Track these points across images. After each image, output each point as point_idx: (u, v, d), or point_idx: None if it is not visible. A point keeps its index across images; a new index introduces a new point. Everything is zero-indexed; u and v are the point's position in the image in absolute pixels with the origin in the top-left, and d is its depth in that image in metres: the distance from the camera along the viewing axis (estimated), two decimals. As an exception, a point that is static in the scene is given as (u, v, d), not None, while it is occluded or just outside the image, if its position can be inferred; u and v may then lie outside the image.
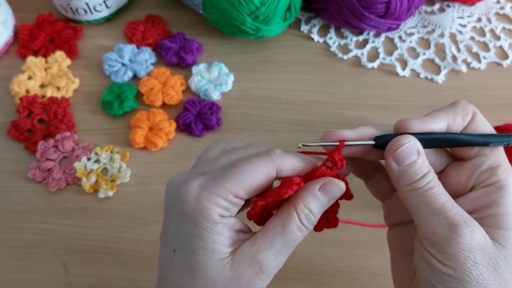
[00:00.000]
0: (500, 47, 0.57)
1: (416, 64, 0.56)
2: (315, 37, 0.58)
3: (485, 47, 0.57)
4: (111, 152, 0.49)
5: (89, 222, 0.46)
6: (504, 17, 0.60)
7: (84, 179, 0.47)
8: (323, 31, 0.59)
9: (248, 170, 0.26)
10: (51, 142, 0.49)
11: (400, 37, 0.58)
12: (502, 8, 0.61)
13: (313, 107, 0.52)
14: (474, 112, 0.28)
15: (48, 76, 0.53)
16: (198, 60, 0.55)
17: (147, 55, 0.54)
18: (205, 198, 0.25)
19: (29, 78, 0.53)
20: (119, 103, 0.51)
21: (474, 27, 0.59)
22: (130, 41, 0.57)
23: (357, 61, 0.56)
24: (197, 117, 0.51)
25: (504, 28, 0.59)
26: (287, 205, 0.27)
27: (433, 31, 0.59)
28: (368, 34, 0.58)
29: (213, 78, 0.53)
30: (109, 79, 0.54)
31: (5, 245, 0.45)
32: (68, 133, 0.49)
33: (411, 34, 0.58)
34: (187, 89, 0.53)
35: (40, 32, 0.57)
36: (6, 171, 0.48)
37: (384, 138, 0.28)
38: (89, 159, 0.48)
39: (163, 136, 0.49)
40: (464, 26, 0.59)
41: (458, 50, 0.57)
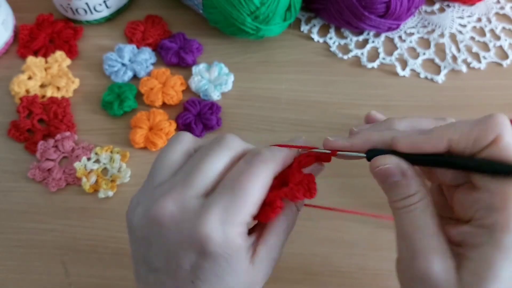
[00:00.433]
0: (500, 47, 0.57)
1: (416, 64, 0.56)
2: (315, 37, 0.58)
3: (485, 47, 0.57)
4: (111, 152, 0.49)
5: (89, 222, 0.46)
6: (504, 17, 0.60)
7: (84, 179, 0.47)
8: (323, 31, 0.59)
9: (255, 186, 0.27)
10: (51, 142, 0.49)
11: (400, 37, 0.58)
12: (502, 8, 0.61)
13: (313, 107, 0.52)
14: (498, 134, 0.23)
15: (48, 76, 0.53)
16: (198, 60, 0.55)
17: (147, 55, 0.54)
18: (232, 233, 0.26)
19: (29, 78, 0.53)
20: (119, 103, 0.51)
21: (474, 27, 0.59)
22: (130, 41, 0.57)
23: (357, 61, 0.56)
24: (197, 117, 0.51)
25: (504, 28, 0.59)
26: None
27: (433, 31, 0.59)
28: (368, 34, 0.58)
29: (213, 78, 0.53)
30: (109, 79, 0.54)
31: (5, 245, 0.45)
32: (68, 133, 0.49)
33: (411, 34, 0.58)
34: (187, 89, 0.53)
35: (40, 32, 0.57)
36: (6, 171, 0.48)
37: (375, 153, 0.28)
38: (89, 159, 0.48)
39: (163, 136, 0.49)
40: (464, 26, 0.59)
41: (458, 50, 0.57)
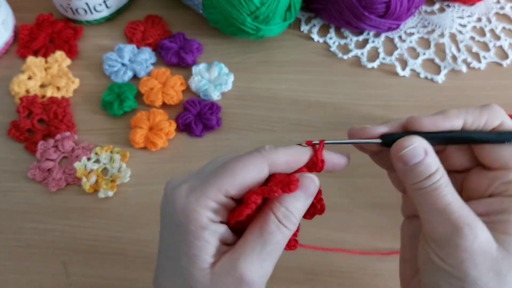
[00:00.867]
0: (500, 47, 0.57)
1: (416, 64, 0.56)
2: (315, 37, 0.58)
3: (485, 47, 0.57)
4: (111, 152, 0.49)
5: (89, 222, 0.46)
6: (504, 17, 0.60)
7: (84, 179, 0.47)
8: (323, 31, 0.59)
9: (238, 167, 0.26)
10: (51, 142, 0.49)
11: (400, 37, 0.58)
12: (502, 8, 0.61)
13: (313, 107, 0.52)
14: (503, 120, 0.27)
15: (48, 76, 0.53)
16: (198, 60, 0.55)
17: (147, 55, 0.54)
18: (193, 201, 0.25)
19: (29, 78, 0.53)
20: (119, 103, 0.51)
21: (474, 27, 0.59)
22: (130, 41, 0.57)
23: (357, 61, 0.56)
24: (197, 117, 0.51)
25: (504, 28, 0.59)
26: (263, 208, 0.26)
27: (433, 31, 0.59)
28: (368, 34, 0.58)
29: (213, 78, 0.53)
30: (109, 79, 0.54)
31: (5, 245, 0.45)
32: (68, 133, 0.49)
33: (411, 34, 0.58)
34: (187, 89, 0.53)
35: (40, 32, 0.57)
36: (6, 171, 0.48)
37: (391, 137, 0.28)
38: (89, 159, 0.48)
39: (163, 136, 0.49)
40: (464, 26, 0.59)
41: (458, 50, 0.57)
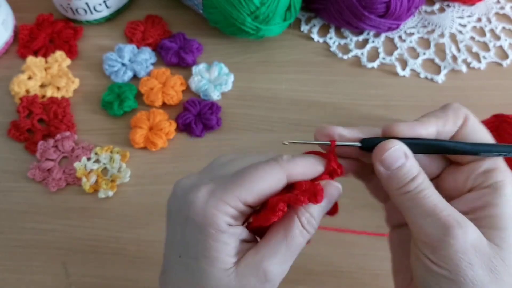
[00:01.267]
0: (500, 47, 0.57)
1: (416, 64, 0.56)
2: (315, 37, 0.58)
3: (485, 47, 0.57)
4: (111, 152, 0.49)
5: (89, 222, 0.46)
6: (504, 17, 0.60)
7: (84, 179, 0.47)
8: (323, 31, 0.59)
9: (257, 176, 0.26)
10: (51, 142, 0.49)
11: (400, 37, 0.58)
12: (502, 8, 0.61)
13: (313, 107, 0.52)
14: (465, 116, 0.28)
15: (48, 76, 0.53)
16: (198, 60, 0.55)
17: (147, 55, 0.54)
18: (213, 205, 0.25)
19: (29, 78, 0.53)
20: (119, 103, 0.51)
21: (474, 27, 0.59)
22: (130, 41, 0.57)
23: (357, 61, 0.56)
24: (197, 117, 0.51)
25: (504, 28, 0.59)
26: (287, 211, 0.27)
27: (433, 31, 0.59)
28: (368, 34, 0.58)
29: (213, 78, 0.53)
30: (109, 79, 0.54)
31: (5, 245, 0.45)
32: (68, 133, 0.49)
33: (411, 34, 0.58)
34: (187, 89, 0.53)
35: (40, 32, 0.57)
36: (6, 171, 0.48)
37: (371, 141, 0.28)
38: (89, 159, 0.48)
39: (163, 136, 0.49)
40: (464, 26, 0.59)
41: (458, 50, 0.57)
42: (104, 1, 0.56)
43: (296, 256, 0.27)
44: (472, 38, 0.58)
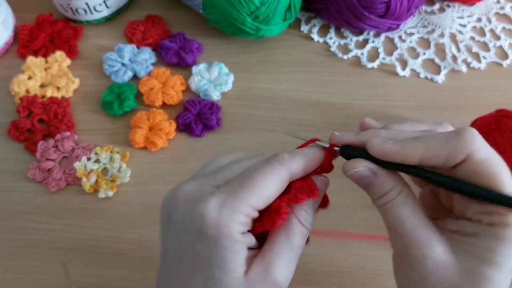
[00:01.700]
0: (500, 47, 0.57)
1: (416, 64, 0.56)
2: (315, 37, 0.58)
3: (485, 47, 0.57)
4: (111, 152, 0.49)
5: (89, 222, 0.46)
6: (504, 17, 0.60)
7: (84, 179, 0.47)
8: (323, 31, 0.59)
9: (264, 180, 0.26)
10: (51, 142, 0.49)
11: (400, 37, 0.58)
12: (502, 8, 0.61)
13: (313, 107, 0.52)
14: (469, 154, 0.24)
15: (48, 76, 0.53)
16: (198, 60, 0.55)
17: (147, 55, 0.54)
18: (227, 217, 0.25)
19: (29, 78, 0.53)
20: (119, 103, 0.51)
21: (474, 27, 0.59)
22: (130, 41, 0.57)
23: (357, 61, 0.56)
24: (197, 117, 0.51)
25: (504, 28, 0.59)
26: None
27: (433, 31, 0.59)
28: (368, 34, 0.58)
29: (213, 78, 0.53)
30: (109, 79, 0.54)
31: (5, 245, 0.45)
32: (68, 133, 0.49)
33: (411, 34, 0.58)
34: (187, 89, 0.53)
35: (40, 32, 0.57)
36: (6, 171, 0.48)
37: (348, 152, 0.28)
38: (89, 159, 0.48)
39: (163, 136, 0.49)
40: (464, 26, 0.59)
41: (458, 50, 0.57)
42: (104, 1, 0.56)
43: (299, 255, 0.27)
44: (472, 38, 0.58)
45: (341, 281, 0.42)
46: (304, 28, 0.59)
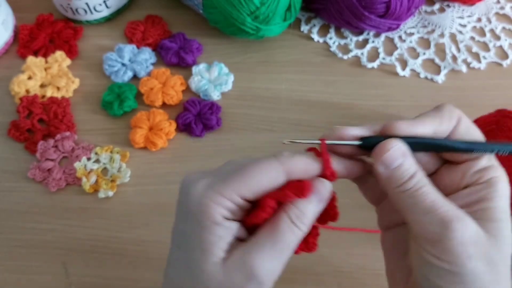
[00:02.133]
0: (500, 47, 0.57)
1: (416, 64, 0.56)
2: (315, 37, 0.58)
3: (485, 47, 0.57)
4: (111, 152, 0.49)
5: (89, 222, 0.46)
6: (504, 17, 0.60)
7: (84, 179, 0.47)
8: (323, 31, 0.59)
9: (255, 171, 0.26)
10: (51, 142, 0.49)
11: (400, 37, 0.58)
12: (502, 8, 0.61)
13: (313, 107, 0.52)
14: (458, 117, 0.29)
15: (48, 76, 0.53)
16: (198, 60, 0.55)
17: (147, 55, 0.54)
18: (209, 197, 0.26)
19: (29, 78, 0.53)
20: (119, 103, 0.51)
21: (474, 27, 0.59)
22: (130, 41, 0.57)
23: (357, 61, 0.56)
24: (197, 117, 0.51)
25: (504, 28, 0.59)
26: (277, 209, 0.27)
27: (433, 31, 0.59)
28: (368, 34, 0.58)
29: (213, 78, 0.53)
30: (109, 79, 0.54)
31: (5, 245, 0.45)
32: (68, 133, 0.49)
33: (411, 34, 0.58)
34: (187, 89, 0.53)
35: (40, 32, 0.57)
36: (6, 171, 0.48)
37: (371, 139, 0.28)
38: (89, 159, 0.48)
39: (163, 136, 0.49)
40: (464, 26, 0.59)
41: (458, 50, 0.57)
42: (104, 1, 0.56)
43: (288, 253, 0.27)
44: (472, 38, 0.58)
45: (341, 281, 0.42)
46: (304, 28, 0.59)
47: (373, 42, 0.57)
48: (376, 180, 0.31)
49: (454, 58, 0.56)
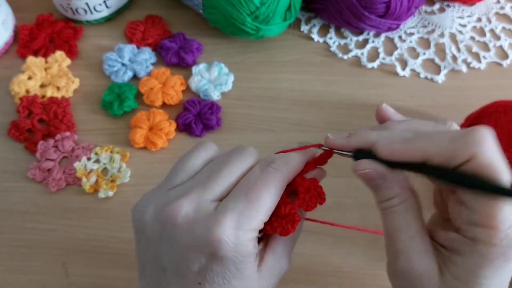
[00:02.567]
0: (500, 47, 0.57)
1: (416, 64, 0.56)
2: (315, 37, 0.58)
3: (485, 47, 0.57)
4: (111, 152, 0.49)
5: (89, 222, 0.46)
6: (504, 17, 0.60)
7: (84, 179, 0.47)
8: (323, 31, 0.59)
9: (269, 193, 0.27)
10: (51, 142, 0.49)
11: (400, 37, 0.58)
12: (502, 8, 0.61)
13: (313, 107, 0.52)
14: (473, 155, 0.23)
15: (48, 76, 0.53)
16: (198, 60, 0.55)
17: (147, 55, 0.54)
18: (245, 239, 0.26)
19: (29, 78, 0.53)
20: (119, 103, 0.51)
21: (474, 27, 0.59)
22: (130, 41, 0.57)
23: (357, 61, 0.56)
24: (197, 117, 0.51)
25: (504, 28, 0.59)
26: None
27: (433, 31, 0.59)
28: (368, 34, 0.58)
29: (213, 78, 0.53)
30: (109, 79, 0.54)
31: (5, 245, 0.45)
32: (68, 133, 0.49)
33: (411, 34, 0.58)
34: (187, 89, 0.53)
35: (40, 32, 0.57)
36: (6, 171, 0.48)
37: (360, 155, 0.29)
38: (89, 159, 0.48)
39: (163, 136, 0.49)
40: (464, 26, 0.59)
41: (458, 50, 0.57)
42: (104, 1, 0.56)
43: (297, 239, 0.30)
44: (472, 38, 0.58)
45: (341, 281, 0.42)
46: (304, 28, 0.59)
47: (373, 42, 0.57)
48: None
49: (454, 58, 0.56)
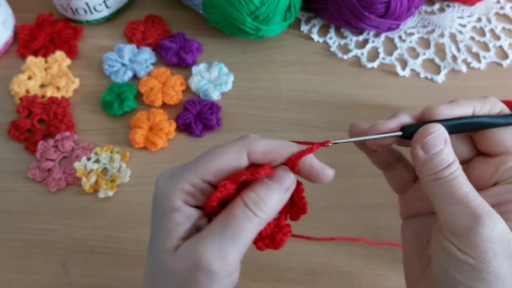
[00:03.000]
0: (500, 47, 0.57)
1: (416, 64, 0.56)
2: (315, 37, 0.58)
3: (485, 47, 0.57)
4: (111, 152, 0.49)
5: (89, 222, 0.46)
6: (504, 17, 0.60)
7: (84, 179, 0.47)
8: (323, 31, 0.59)
9: (216, 153, 0.26)
10: (51, 142, 0.49)
11: (400, 37, 0.58)
12: (502, 8, 0.61)
13: (313, 107, 0.52)
14: (502, 107, 0.29)
15: (48, 76, 0.53)
16: (198, 60, 0.55)
17: (147, 55, 0.54)
18: (170, 184, 0.26)
19: (29, 78, 0.53)
20: (119, 103, 0.51)
21: (474, 27, 0.59)
22: (130, 41, 0.57)
23: (357, 61, 0.56)
24: (197, 117, 0.51)
25: (504, 28, 0.59)
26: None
27: (433, 31, 0.59)
28: (368, 34, 0.58)
29: (213, 78, 0.53)
30: (109, 79, 0.54)
31: (5, 245, 0.45)
32: (68, 133, 0.49)
33: (411, 34, 0.58)
34: (187, 89, 0.53)
35: (40, 32, 0.57)
36: (6, 171, 0.48)
37: (412, 128, 0.28)
38: (89, 159, 0.48)
39: (163, 136, 0.49)
40: (464, 26, 0.59)
41: (458, 50, 0.57)
42: (104, 1, 0.56)
43: (244, 241, 0.25)
44: (472, 38, 0.58)
45: (341, 281, 0.42)
46: (304, 28, 0.59)
47: (373, 42, 0.57)
48: (403, 168, 0.31)
49: (454, 58, 0.56)
